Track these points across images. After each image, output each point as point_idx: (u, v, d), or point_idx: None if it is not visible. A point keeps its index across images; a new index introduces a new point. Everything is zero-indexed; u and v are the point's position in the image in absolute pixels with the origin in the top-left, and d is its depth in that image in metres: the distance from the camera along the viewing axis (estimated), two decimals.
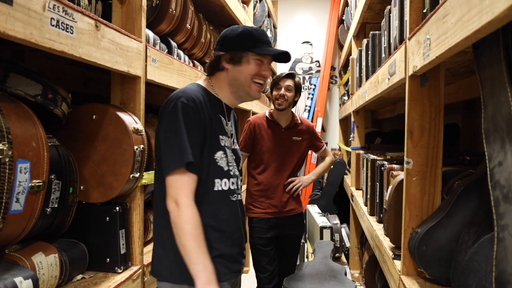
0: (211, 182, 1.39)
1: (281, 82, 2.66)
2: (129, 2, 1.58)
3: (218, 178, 1.41)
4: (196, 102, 1.35)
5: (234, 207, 1.47)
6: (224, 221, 1.42)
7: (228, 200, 1.45)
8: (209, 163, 1.38)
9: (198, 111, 1.34)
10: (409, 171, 1.41)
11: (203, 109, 1.36)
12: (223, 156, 1.42)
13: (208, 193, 1.39)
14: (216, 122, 1.42)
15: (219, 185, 1.41)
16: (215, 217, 1.40)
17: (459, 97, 2.05)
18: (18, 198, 1.05)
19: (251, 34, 1.44)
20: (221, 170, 1.41)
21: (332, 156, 2.94)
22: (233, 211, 1.46)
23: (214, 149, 1.40)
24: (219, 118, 1.46)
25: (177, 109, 1.32)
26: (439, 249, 1.28)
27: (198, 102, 1.36)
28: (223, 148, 1.43)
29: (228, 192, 1.44)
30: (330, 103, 6.52)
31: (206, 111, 1.37)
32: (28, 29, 0.93)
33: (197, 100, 1.35)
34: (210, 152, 1.39)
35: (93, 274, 1.46)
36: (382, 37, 2.20)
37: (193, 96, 1.35)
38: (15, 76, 1.18)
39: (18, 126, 1.07)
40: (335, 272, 2.61)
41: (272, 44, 1.49)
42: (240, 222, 1.51)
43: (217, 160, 1.40)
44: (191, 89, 1.40)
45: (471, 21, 0.83)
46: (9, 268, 1.06)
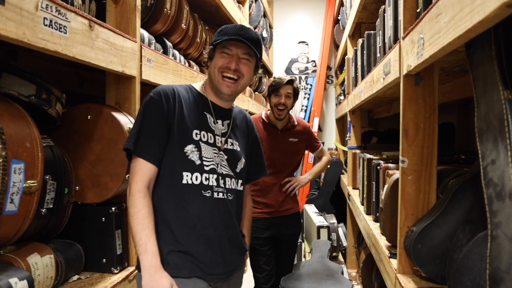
0: (179, 175, 1.37)
1: (282, 89, 2.58)
2: (123, 2, 1.58)
3: (188, 171, 1.38)
4: (161, 95, 1.36)
5: (208, 203, 1.40)
6: (193, 216, 1.38)
7: (199, 195, 1.39)
8: (178, 156, 1.37)
9: (162, 104, 1.35)
10: (405, 170, 1.42)
11: (169, 102, 1.37)
12: (194, 149, 1.39)
13: (177, 186, 1.37)
14: (193, 117, 1.41)
15: (189, 178, 1.38)
16: (183, 211, 1.37)
17: (454, 96, 2.06)
18: (12, 199, 1.04)
19: (221, 30, 1.45)
20: (191, 164, 1.38)
21: (328, 155, 2.93)
22: (206, 208, 1.40)
23: (184, 142, 1.38)
24: (201, 115, 1.45)
25: (145, 102, 1.37)
26: (435, 247, 1.29)
27: (165, 95, 1.37)
28: (196, 142, 1.40)
29: (200, 186, 1.39)
30: (327, 102, 6.53)
31: (175, 104, 1.38)
32: (20, 29, 0.92)
33: (164, 94, 1.37)
34: (179, 145, 1.37)
35: (89, 275, 1.45)
36: (377, 37, 2.20)
37: (161, 91, 1.38)
38: (8, 76, 1.17)
39: (11, 126, 1.06)
40: (332, 272, 2.61)
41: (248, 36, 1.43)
42: (219, 220, 1.43)
43: (187, 153, 1.38)
44: (170, 85, 1.44)
45: (463, 20, 0.83)
46: (4, 269, 1.06)
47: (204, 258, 1.39)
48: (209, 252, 1.40)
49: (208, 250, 1.40)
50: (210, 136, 1.44)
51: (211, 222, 1.41)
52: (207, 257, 1.39)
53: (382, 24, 2.00)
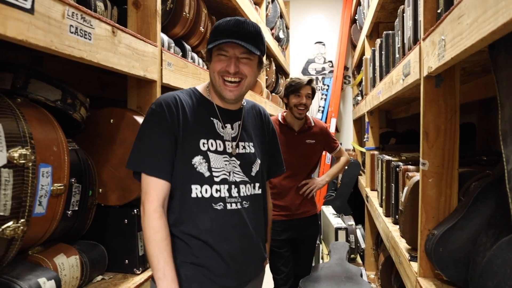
0: (188, 189, 1.31)
1: (303, 90, 2.59)
2: (144, 7, 1.60)
3: (197, 184, 1.31)
4: (163, 107, 1.29)
5: (220, 216, 1.33)
6: (204, 231, 1.32)
7: (210, 209, 1.32)
8: (186, 169, 1.30)
9: (165, 115, 1.28)
10: (425, 172, 1.41)
11: (172, 112, 1.29)
12: (202, 161, 1.31)
13: (187, 200, 1.31)
14: (199, 125, 1.34)
15: (198, 192, 1.31)
16: (194, 225, 1.32)
17: (475, 96, 2.03)
18: (40, 202, 1.08)
19: (216, 28, 1.33)
20: (200, 176, 1.31)
21: (347, 156, 2.90)
22: (218, 221, 1.33)
23: (191, 154, 1.31)
24: (207, 121, 1.36)
25: (146, 115, 1.32)
26: (457, 251, 1.27)
27: (167, 106, 1.29)
28: (204, 152, 1.32)
29: (210, 200, 1.32)
30: (344, 103, 6.49)
31: (178, 114, 1.30)
32: (48, 37, 0.95)
33: (166, 104, 1.29)
34: (187, 157, 1.31)
35: (113, 275, 1.48)
36: (396, 37, 2.19)
37: (162, 102, 1.30)
38: (35, 82, 1.21)
39: (39, 131, 1.10)
40: (351, 274, 2.60)
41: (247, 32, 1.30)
42: (232, 233, 1.36)
43: (195, 165, 1.31)
44: (167, 94, 1.35)
45: (486, 22, 0.82)
46: (33, 269, 1.09)
47: (217, 271, 1.34)
48: (222, 265, 1.34)
49: (222, 263, 1.34)
50: (219, 143, 1.36)
51: (224, 236, 1.34)
52: (220, 270, 1.34)
53: (401, 24, 1.99)
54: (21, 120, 1.01)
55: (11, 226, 0.96)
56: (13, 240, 0.98)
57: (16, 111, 1.02)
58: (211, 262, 1.33)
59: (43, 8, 0.92)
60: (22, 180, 0.98)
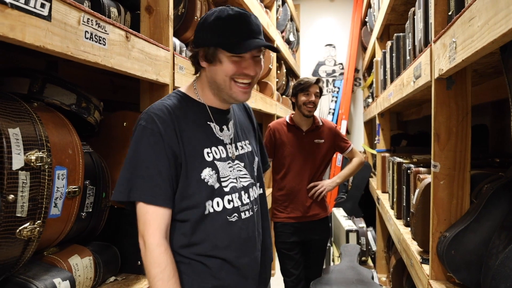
0: (200, 205, 1.18)
1: (311, 88, 2.62)
2: (156, 12, 1.63)
3: (209, 199, 1.19)
4: (156, 122, 1.13)
5: (237, 229, 1.23)
6: (223, 248, 1.21)
7: (225, 223, 1.21)
8: (196, 185, 1.18)
9: (159, 132, 1.13)
10: (437, 174, 1.40)
11: (167, 126, 1.14)
12: (211, 173, 1.20)
13: (200, 219, 1.19)
14: (198, 134, 1.21)
15: (210, 207, 1.19)
16: (212, 244, 1.20)
17: (487, 98, 2.02)
18: (56, 203, 1.10)
19: (222, 25, 1.15)
20: (211, 190, 1.20)
21: (360, 157, 2.82)
22: (235, 234, 1.23)
23: (199, 168, 1.18)
24: (206, 127, 1.24)
25: (136, 134, 1.15)
26: (469, 253, 1.27)
27: (160, 120, 1.14)
28: (211, 163, 1.21)
29: (224, 213, 1.21)
30: (354, 105, 6.47)
31: (175, 127, 1.15)
32: (64, 43, 0.98)
33: (158, 119, 1.14)
34: (195, 172, 1.18)
35: (125, 276, 1.50)
36: (407, 39, 2.18)
37: (153, 116, 1.14)
38: (51, 87, 1.24)
39: (55, 134, 1.12)
40: (362, 276, 2.59)
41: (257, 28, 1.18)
42: (250, 244, 1.27)
43: (206, 179, 1.19)
44: (156, 105, 1.19)
45: (498, 25, 0.82)
46: (48, 269, 1.12)
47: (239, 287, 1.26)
48: (242, 281, 1.26)
49: (242, 279, 1.26)
50: (221, 150, 1.25)
51: (243, 250, 1.25)
52: (241, 286, 1.26)
53: (412, 27, 1.98)
54: (38, 124, 1.04)
55: (28, 227, 0.98)
56: (29, 241, 1.01)
57: (33, 115, 1.05)
58: (233, 280, 1.23)
59: (60, 15, 0.95)
60: (39, 182, 1.00)
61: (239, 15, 1.16)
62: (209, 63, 1.19)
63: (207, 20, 1.18)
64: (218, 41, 1.15)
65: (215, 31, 1.16)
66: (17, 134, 0.95)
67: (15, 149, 0.93)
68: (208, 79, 1.23)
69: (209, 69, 1.21)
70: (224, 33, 1.15)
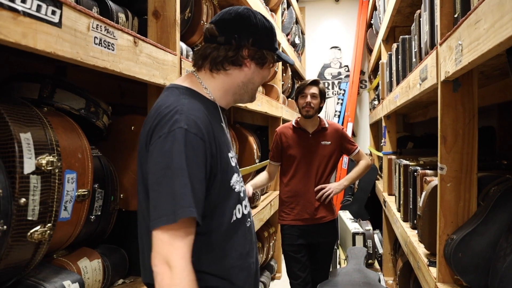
0: (229, 214, 1.11)
1: (306, 89, 2.63)
2: (163, 17, 1.64)
3: (235, 206, 1.13)
4: (200, 127, 1.01)
5: (250, 233, 1.20)
6: (245, 255, 1.16)
7: (244, 229, 1.17)
8: (226, 192, 1.10)
9: (204, 139, 1.01)
10: (443, 177, 1.40)
11: (209, 133, 1.03)
12: (238, 179, 1.15)
13: (229, 227, 1.11)
14: (221, 138, 1.10)
15: (235, 213, 1.13)
16: (237, 253, 1.13)
17: (494, 99, 2.01)
18: (66, 207, 1.12)
19: (271, 33, 1.17)
20: (236, 197, 1.13)
21: (367, 159, 2.79)
22: (249, 239, 1.19)
23: (229, 175, 1.11)
24: (221, 129, 1.14)
25: (176, 139, 0.97)
26: (476, 256, 1.26)
27: (203, 125, 1.02)
28: (236, 168, 1.15)
29: (243, 218, 1.17)
30: (360, 107, 6.46)
31: (213, 134, 1.05)
32: (74, 49, 0.99)
33: (200, 123, 1.01)
34: (226, 179, 1.09)
35: (133, 279, 1.52)
36: (413, 42, 2.18)
37: (194, 118, 1.01)
38: (61, 92, 1.26)
39: (65, 138, 1.14)
40: (369, 279, 2.58)
41: None
42: (254, 248, 1.23)
43: (234, 186, 1.12)
44: (188, 105, 1.04)
45: (504, 27, 0.83)
46: (58, 272, 1.13)
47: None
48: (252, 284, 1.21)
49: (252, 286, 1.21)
50: (233, 152, 1.18)
51: (251, 255, 1.20)
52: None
53: (418, 29, 1.99)
54: (48, 128, 1.05)
55: (39, 231, 1.00)
56: (40, 243, 1.02)
57: (44, 119, 1.06)
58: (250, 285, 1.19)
59: (70, 22, 0.97)
60: (49, 186, 1.02)
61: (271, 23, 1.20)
62: (257, 65, 1.16)
63: (261, 22, 1.14)
64: (271, 48, 1.17)
65: (272, 36, 1.17)
66: (28, 138, 0.97)
67: (26, 154, 0.95)
68: (242, 79, 1.16)
69: (254, 71, 1.17)
70: (274, 42, 1.18)
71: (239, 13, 1.13)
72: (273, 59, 1.19)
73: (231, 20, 1.13)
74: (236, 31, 1.12)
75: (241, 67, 1.15)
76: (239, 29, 1.12)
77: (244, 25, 1.12)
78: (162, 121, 1.00)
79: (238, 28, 1.12)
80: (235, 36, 1.11)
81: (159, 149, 0.97)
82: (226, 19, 1.13)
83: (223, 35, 1.11)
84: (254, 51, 1.14)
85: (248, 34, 1.12)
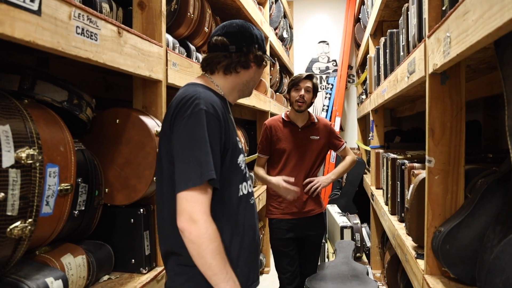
0: (237, 189, 1.31)
1: (301, 83, 2.63)
2: (149, 8, 1.61)
3: (240, 183, 1.32)
4: (216, 109, 1.22)
5: (254, 210, 1.39)
6: (249, 227, 1.34)
7: (249, 205, 1.36)
8: (234, 169, 1.29)
9: (219, 119, 1.22)
10: (431, 169, 1.40)
11: (222, 115, 1.25)
12: (243, 159, 1.35)
13: (234, 201, 1.29)
14: (231, 124, 1.32)
15: (240, 190, 1.32)
16: (242, 225, 1.31)
17: (480, 93, 2.02)
18: (48, 201, 1.08)
19: (264, 38, 1.46)
20: (242, 174, 1.34)
21: (353, 155, 2.85)
22: (254, 216, 1.39)
23: (237, 153, 1.31)
24: (230, 119, 1.36)
25: (198, 117, 1.18)
26: (463, 248, 1.27)
27: (219, 108, 1.24)
28: (242, 150, 1.36)
29: (248, 195, 1.36)
30: (348, 102, 6.48)
31: (223, 117, 1.26)
32: (55, 38, 0.96)
33: (216, 106, 1.23)
34: (233, 157, 1.29)
35: (119, 275, 1.49)
36: (400, 35, 2.18)
37: (211, 102, 1.23)
38: (42, 83, 1.22)
39: (46, 131, 1.10)
40: (357, 272, 2.59)
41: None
42: (256, 223, 1.41)
43: (240, 164, 1.33)
44: (204, 93, 1.25)
45: (492, 18, 0.82)
46: (40, 268, 1.10)
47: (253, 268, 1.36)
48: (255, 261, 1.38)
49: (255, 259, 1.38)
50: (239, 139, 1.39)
51: (256, 230, 1.38)
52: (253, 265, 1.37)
53: (406, 22, 1.98)
54: (29, 120, 1.02)
55: (19, 226, 0.96)
56: (20, 240, 0.99)
57: (24, 112, 1.03)
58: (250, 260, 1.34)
59: (50, 10, 0.93)
60: (30, 180, 0.99)
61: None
62: (257, 66, 1.43)
63: (258, 32, 1.42)
64: (265, 50, 1.45)
65: (264, 42, 1.45)
66: (7, 131, 0.93)
67: (5, 146, 0.92)
68: (247, 78, 1.42)
69: (255, 71, 1.43)
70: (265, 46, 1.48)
71: (241, 26, 1.39)
72: (267, 59, 1.46)
73: (237, 32, 1.37)
74: (244, 40, 1.37)
75: (249, 69, 1.40)
76: (246, 39, 1.37)
77: (248, 35, 1.38)
78: (185, 105, 1.20)
79: (244, 38, 1.37)
80: (243, 45, 1.37)
81: (184, 127, 1.18)
82: (233, 32, 1.37)
83: (234, 45, 1.36)
84: (256, 55, 1.40)
85: (252, 42, 1.38)
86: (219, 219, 1.23)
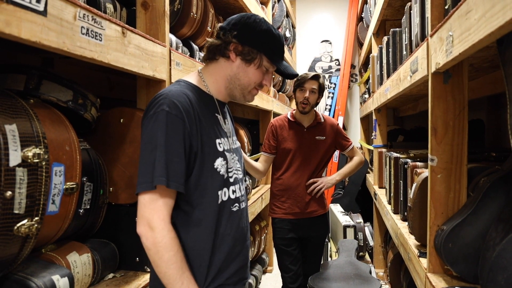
0: (213, 195, 1.22)
1: (306, 84, 2.59)
2: (152, 8, 1.62)
3: (220, 189, 1.24)
4: (180, 109, 1.14)
5: (237, 218, 1.30)
6: (228, 236, 1.27)
7: (229, 213, 1.27)
8: (209, 174, 1.21)
9: (184, 120, 1.14)
10: (434, 168, 1.41)
11: (189, 116, 1.16)
12: (223, 162, 1.25)
13: (211, 208, 1.22)
14: (210, 125, 1.24)
15: (220, 196, 1.24)
16: (221, 234, 1.24)
17: (483, 92, 2.02)
18: (54, 200, 1.10)
19: (274, 39, 1.29)
20: (221, 179, 1.24)
21: (361, 156, 2.80)
22: (236, 223, 1.29)
23: (213, 157, 1.22)
24: (215, 119, 1.28)
25: (158, 118, 1.12)
26: (466, 246, 1.27)
27: (184, 109, 1.15)
28: (222, 153, 1.26)
29: (229, 202, 1.27)
30: (351, 101, 6.48)
31: (195, 117, 1.18)
32: (61, 38, 0.97)
33: (181, 106, 1.15)
34: (209, 161, 1.21)
35: (124, 273, 1.50)
36: (403, 34, 2.18)
37: (175, 102, 1.14)
38: (47, 83, 1.23)
39: (52, 131, 1.12)
40: (360, 271, 2.60)
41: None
42: (244, 234, 1.34)
43: (218, 168, 1.23)
44: (175, 91, 1.18)
45: (495, 17, 0.83)
46: (47, 266, 1.11)
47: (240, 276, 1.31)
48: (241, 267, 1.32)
49: (241, 266, 1.32)
50: (226, 141, 1.30)
51: (239, 239, 1.31)
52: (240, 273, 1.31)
53: (408, 22, 1.99)
54: (35, 120, 1.03)
55: (26, 224, 0.98)
56: (27, 238, 1.00)
57: (30, 111, 1.04)
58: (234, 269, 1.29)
59: (56, 10, 0.94)
60: (36, 179, 1.00)
61: (282, 35, 1.33)
62: (243, 61, 1.28)
63: (256, 25, 1.27)
64: (268, 49, 1.28)
65: (266, 40, 1.28)
66: (14, 130, 0.95)
67: (12, 146, 0.93)
68: (230, 73, 1.30)
69: (239, 67, 1.28)
70: (273, 47, 1.29)
71: (241, 15, 1.30)
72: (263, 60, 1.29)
73: (231, 19, 1.29)
74: (232, 27, 1.27)
75: (227, 59, 1.28)
76: (235, 27, 1.27)
77: (245, 27, 1.27)
78: (151, 105, 1.17)
79: (235, 26, 1.27)
80: (226, 29, 1.27)
81: (145, 128, 1.15)
82: (229, 19, 1.30)
83: (221, 30, 1.29)
84: (242, 48, 1.26)
85: (241, 32, 1.26)
86: (196, 225, 1.20)
